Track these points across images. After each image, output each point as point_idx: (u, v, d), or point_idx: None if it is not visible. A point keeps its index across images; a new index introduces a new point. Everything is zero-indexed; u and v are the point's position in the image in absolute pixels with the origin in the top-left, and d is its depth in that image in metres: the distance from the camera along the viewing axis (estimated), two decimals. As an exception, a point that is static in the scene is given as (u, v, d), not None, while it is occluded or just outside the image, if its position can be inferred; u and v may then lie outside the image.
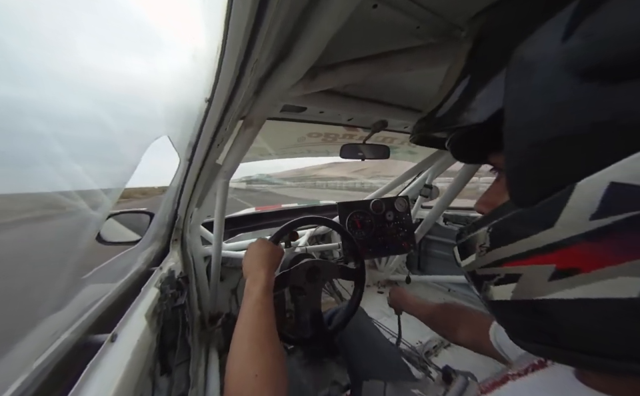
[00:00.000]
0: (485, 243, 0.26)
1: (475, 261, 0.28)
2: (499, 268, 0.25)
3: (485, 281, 0.28)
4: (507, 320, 0.28)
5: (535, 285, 0.22)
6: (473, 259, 0.28)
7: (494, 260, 0.25)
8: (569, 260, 0.19)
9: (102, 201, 0.62)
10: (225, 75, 0.44)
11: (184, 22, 0.45)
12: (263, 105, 0.68)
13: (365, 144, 1.20)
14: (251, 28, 0.36)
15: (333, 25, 0.44)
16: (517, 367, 0.35)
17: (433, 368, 1.27)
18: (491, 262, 0.26)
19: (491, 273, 0.26)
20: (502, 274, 0.25)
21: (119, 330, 0.50)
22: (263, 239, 0.77)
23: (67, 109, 0.55)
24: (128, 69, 0.70)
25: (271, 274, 0.66)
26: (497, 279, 0.26)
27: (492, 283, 0.26)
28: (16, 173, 0.46)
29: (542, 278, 0.21)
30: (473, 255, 0.28)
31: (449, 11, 0.55)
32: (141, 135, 0.68)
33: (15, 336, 0.39)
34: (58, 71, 0.56)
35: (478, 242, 0.27)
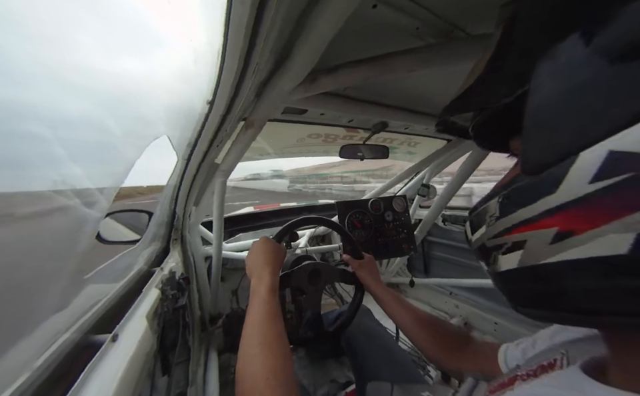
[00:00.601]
0: (494, 212, 0.28)
1: (485, 232, 0.30)
2: (506, 236, 0.26)
3: (493, 253, 0.29)
4: (512, 290, 0.29)
5: (538, 250, 0.23)
6: (483, 231, 0.30)
7: (502, 228, 0.27)
8: (567, 223, 0.21)
9: (98, 199, 0.62)
10: (226, 78, 0.44)
11: (184, 25, 0.45)
12: (264, 107, 0.69)
13: (365, 144, 1.20)
14: (250, 31, 0.36)
15: (332, 26, 0.44)
16: (526, 368, 0.35)
17: (432, 367, 1.28)
18: (500, 231, 0.27)
19: (499, 242, 0.28)
20: (509, 242, 0.26)
21: (120, 330, 0.50)
22: (266, 237, 0.77)
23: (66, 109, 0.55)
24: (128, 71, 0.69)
25: (276, 273, 0.66)
26: (504, 247, 0.27)
27: (500, 252, 0.28)
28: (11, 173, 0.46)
29: (544, 242, 0.23)
30: (483, 226, 0.30)
31: (448, 12, 0.55)
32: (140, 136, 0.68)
33: (17, 335, 0.39)
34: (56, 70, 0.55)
35: (488, 212, 0.29)
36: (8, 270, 0.45)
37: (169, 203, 1.03)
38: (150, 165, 5.49)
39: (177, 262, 0.98)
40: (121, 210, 1.05)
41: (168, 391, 0.70)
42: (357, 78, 0.65)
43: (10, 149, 0.45)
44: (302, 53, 0.51)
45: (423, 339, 0.67)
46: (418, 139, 1.47)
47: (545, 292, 0.25)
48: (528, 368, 0.35)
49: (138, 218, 1.06)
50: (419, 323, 0.70)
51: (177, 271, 0.88)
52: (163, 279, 0.76)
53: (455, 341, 0.63)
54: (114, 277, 0.68)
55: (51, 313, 0.45)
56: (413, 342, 0.69)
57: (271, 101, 0.65)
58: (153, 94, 0.70)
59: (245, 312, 0.56)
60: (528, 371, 0.34)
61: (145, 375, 0.54)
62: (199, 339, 1.21)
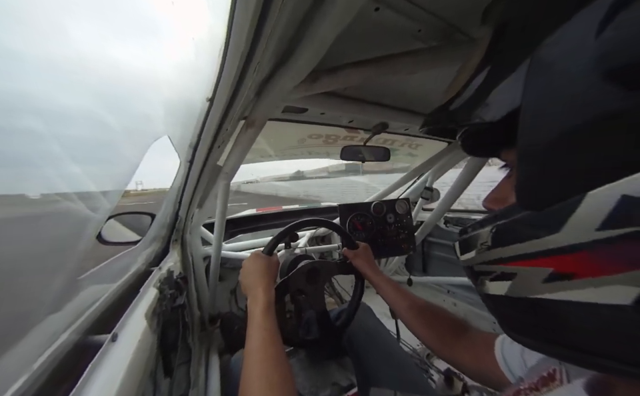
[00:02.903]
0: (486, 241, 0.26)
1: (474, 258, 0.29)
2: (496, 266, 0.26)
3: (481, 276, 0.29)
4: (499, 312, 0.29)
5: (529, 285, 0.23)
6: (472, 255, 0.29)
7: (492, 258, 0.26)
8: (567, 265, 0.20)
9: (101, 202, 0.62)
10: (227, 76, 0.44)
11: (186, 21, 0.45)
12: (265, 106, 0.69)
13: (366, 146, 1.20)
14: (253, 30, 0.36)
15: (335, 28, 0.44)
16: (528, 380, 0.35)
17: (434, 370, 1.27)
18: (489, 260, 0.26)
19: (487, 269, 0.27)
20: (498, 271, 0.26)
21: (119, 330, 0.50)
22: (256, 253, 0.76)
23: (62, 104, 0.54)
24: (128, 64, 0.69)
25: (269, 289, 0.65)
26: (493, 275, 0.26)
27: (488, 278, 0.27)
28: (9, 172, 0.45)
29: (536, 279, 0.22)
30: (472, 251, 0.29)
31: (450, 14, 0.55)
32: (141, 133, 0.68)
33: (16, 336, 0.39)
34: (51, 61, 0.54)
35: (480, 240, 0.28)
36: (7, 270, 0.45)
37: (172, 205, 1.04)
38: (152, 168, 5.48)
39: (176, 261, 0.98)
40: (124, 212, 1.06)
41: (170, 392, 0.69)
42: (358, 78, 0.65)
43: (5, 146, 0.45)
44: (304, 53, 0.51)
45: (420, 326, 0.67)
46: (419, 140, 1.47)
47: (531, 322, 0.24)
48: (530, 380, 0.35)
49: (141, 220, 1.06)
50: (415, 310, 0.69)
51: (174, 271, 0.88)
52: (161, 278, 0.76)
53: (451, 329, 0.62)
54: (111, 278, 0.68)
55: (49, 313, 0.44)
56: (409, 328, 0.69)
57: (271, 100, 0.66)
58: (152, 89, 0.70)
59: (241, 312, 0.56)
60: (530, 385, 0.34)
61: (147, 375, 0.54)
62: (199, 339, 1.21)
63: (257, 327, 0.56)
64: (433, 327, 0.65)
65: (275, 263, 0.77)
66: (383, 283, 0.79)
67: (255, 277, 0.68)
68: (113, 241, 0.92)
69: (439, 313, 0.67)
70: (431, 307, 0.69)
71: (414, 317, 0.68)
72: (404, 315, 0.71)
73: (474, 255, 0.29)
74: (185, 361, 0.92)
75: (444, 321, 0.65)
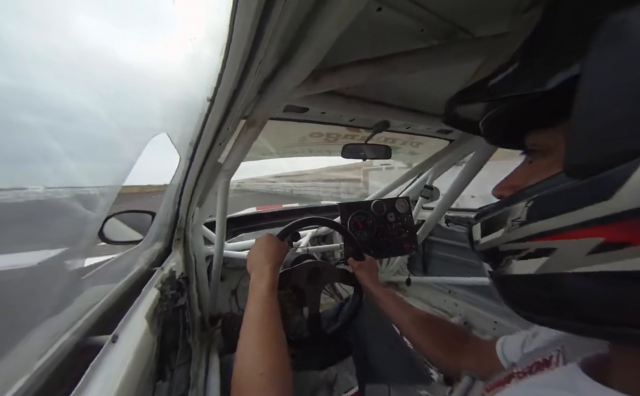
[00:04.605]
0: (519, 217, 0.25)
1: (502, 236, 0.27)
2: (530, 242, 0.24)
3: (507, 256, 0.27)
4: (516, 293, 0.27)
5: (569, 259, 0.21)
6: (498, 235, 0.27)
7: (527, 234, 0.24)
8: (621, 233, 0.18)
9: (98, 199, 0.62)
10: (228, 75, 0.43)
11: (188, 20, 0.44)
12: (266, 105, 0.68)
13: (367, 144, 1.20)
14: (255, 30, 0.35)
15: (337, 28, 0.44)
16: (522, 365, 0.35)
17: (435, 369, 1.27)
18: (523, 236, 0.25)
19: (517, 248, 0.25)
20: (532, 248, 0.24)
21: (120, 331, 0.50)
22: (270, 234, 0.77)
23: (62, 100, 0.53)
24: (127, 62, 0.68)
25: (276, 270, 0.66)
26: (524, 253, 0.25)
27: (516, 257, 0.26)
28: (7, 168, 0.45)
29: (580, 252, 0.20)
30: (499, 230, 0.27)
31: (453, 14, 0.55)
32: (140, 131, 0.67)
33: (17, 337, 0.39)
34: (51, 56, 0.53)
35: (511, 216, 0.26)
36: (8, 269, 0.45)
37: (172, 203, 1.03)
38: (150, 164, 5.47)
39: (178, 262, 0.98)
40: (125, 211, 1.06)
41: (169, 394, 0.69)
42: (359, 78, 0.65)
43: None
44: (306, 52, 0.51)
45: (421, 339, 0.66)
46: (420, 139, 1.46)
47: (558, 300, 0.24)
48: (524, 365, 0.35)
49: (141, 218, 1.06)
50: (416, 323, 0.68)
51: (177, 271, 0.88)
52: (163, 278, 0.76)
53: (453, 339, 0.62)
54: (114, 278, 0.68)
55: (49, 314, 0.44)
56: (411, 342, 0.69)
57: (272, 99, 0.65)
58: (153, 86, 0.69)
59: (241, 312, 0.57)
60: (524, 369, 0.34)
61: (147, 376, 0.54)
62: (199, 339, 1.21)
63: (260, 299, 0.56)
64: (436, 337, 0.64)
65: (285, 247, 0.78)
66: (384, 296, 0.79)
67: (266, 255, 0.68)
68: (114, 240, 0.93)
69: (441, 323, 0.68)
70: (432, 319, 0.70)
71: (417, 330, 0.67)
72: (406, 328, 0.70)
73: (500, 234, 0.27)
74: (184, 362, 0.92)
75: (447, 330, 0.66)
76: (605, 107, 0.19)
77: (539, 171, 0.27)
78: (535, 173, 0.28)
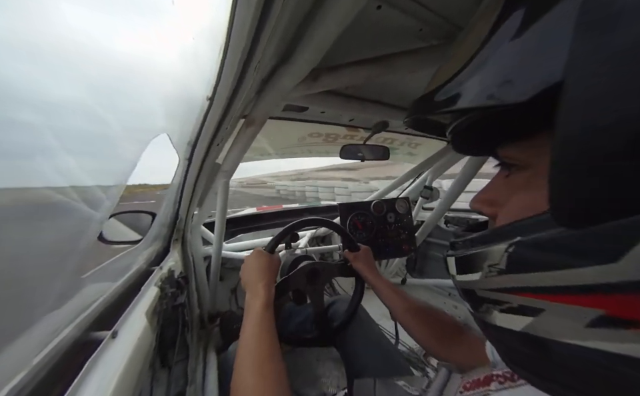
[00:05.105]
0: (498, 263, 0.20)
1: (478, 281, 0.23)
2: (512, 296, 0.20)
3: (486, 304, 0.23)
4: (504, 346, 0.24)
5: (561, 327, 0.18)
6: (474, 278, 0.23)
7: (508, 286, 0.20)
8: (629, 309, 0.14)
9: (102, 199, 0.62)
10: (227, 75, 0.44)
11: (187, 18, 0.45)
12: (265, 104, 0.69)
13: (365, 145, 1.20)
14: (254, 29, 0.36)
15: (336, 27, 0.44)
16: (502, 368, 0.33)
17: (431, 368, 1.27)
18: (503, 287, 0.21)
19: (499, 298, 0.21)
20: (515, 303, 0.20)
21: (120, 327, 0.50)
22: (259, 250, 0.77)
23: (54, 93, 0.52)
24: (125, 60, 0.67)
25: (270, 286, 0.65)
26: (506, 306, 0.21)
27: (497, 308, 0.22)
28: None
29: (575, 321, 0.17)
30: (476, 272, 0.23)
31: (452, 13, 0.55)
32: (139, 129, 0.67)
33: (15, 332, 0.39)
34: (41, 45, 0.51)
35: (487, 259, 0.21)
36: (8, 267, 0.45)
37: (172, 203, 1.04)
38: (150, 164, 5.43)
39: (176, 261, 0.98)
40: (125, 211, 1.06)
41: (167, 389, 0.70)
42: (359, 77, 0.66)
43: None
44: (305, 51, 0.51)
45: (415, 328, 0.67)
46: (419, 140, 1.47)
47: (545, 364, 0.20)
48: (504, 368, 0.32)
49: (141, 219, 1.06)
50: (412, 311, 0.69)
51: (175, 270, 0.88)
52: (162, 277, 0.76)
53: (447, 331, 0.63)
54: (114, 276, 0.68)
55: (49, 310, 0.45)
56: (406, 330, 0.69)
57: (271, 98, 0.66)
58: (151, 85, 0.69)
59: (240, 311, 0.57)
60: (504, 373, 0.31)
61: (145, 372, 0.54)
62: (197, 337, 1.21)
63: (254, 321, 0.56)
64: (429, 326, 0.65)
65: (276, 260, 0.77)
66: (381, 286, 0.79)
67: (257, 273, 0.68)
68: (114, 240, 0.92)
69: (435, 314, 0.68)
70: (427, 309, 0.70)
71: (411, 317, 0.68)
72: (401, 317, 0.71)
73: (477, 278, 0.23)
74: (182, 358, 0.92)
75: (440, 321, 0.66)
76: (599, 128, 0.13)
77: (518, 190, 0.24)
78: (513, 190, 0.24)
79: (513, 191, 0.24)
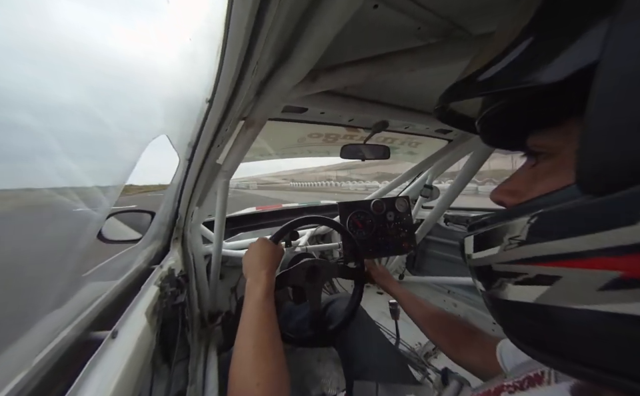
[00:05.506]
0: (519, 234, 0.21)
1: (496, 255, 0.24)
2: (530, 266, 0.21)
3: (501, 278, 0.24)
4: (513, 322, 0.25)
5: (576, 292, 0.18)
6: (493, 252, 0.24)
7: (527, 256, 0.21)
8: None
9: (101, 198, 0.62)
10: (226, 77, 0.44)
11: (183, 21, 0.45)
12: (264, 106, 0.69)
13: (366, 144, 1.20)
14: (251, 30, 0.36)
15: (334, 26, 0.44)
16: (512, 378, 0.34)
17: (432, 370, 1.27)
18: (521, 258, 0.21)
19: (515, 270, 0.22)
20: (532, 273, 0.21)
21: (120, 327, 0.50)
22: (264, 238, 0.78)
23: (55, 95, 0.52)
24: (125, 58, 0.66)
25: (272, 274, 0.66)
26: (522, 277, 0.22)
27: (512, 281, 0.22)
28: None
29: (590, 285, 0.17)
30: (494, 247, 0.24)
31: (450, 12, 0.55)
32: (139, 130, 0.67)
33: (16, 332, 0.39)
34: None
35: (508, 233, 0.22)
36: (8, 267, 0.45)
37: (172, 202, 1.04)
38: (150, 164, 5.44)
39: (177, 260, 0.98)
40: (124, 210, 1.06)
41: (167, 389, 0.70)
42: (357, 77, 0.65)
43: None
44: (303, 52, 0.51)
45: (435, 336, 0.72)
46: (419, 139, 1.47)
47: (558, 337, 0.20)
48: (515, 378, 0.33)
49: (141, 218, 1.07)
50: (430, 320, 0.74)
51: (176, 269, 0.88)
52: (162, 276, 0.76)
53: (461, 335, 0.66)
54: (113, 275, 0.68)
55: (49, 310, 0.45)
56: (425, 335, 0.74)
57: (270, 100, 0.66)
58: (151, 88, 0.69)
59: None
60: (514, 382, 0.32)
61: (145, 372, 0.54)
62: (198, 336, 1.22)
63: (256, 304, 0.56)
64: (444, 331, 0.70)
65: (280, 250, 0.78)
66: (404, 297, 0.85)
67: (261, 260, 0.68)
68: (113, 239, 0.93)
69: (450, 320, 0.72)
70: (444, 316, 0.74)
71: (430, 326, 0.74)
72: (422, 325, 0.76)
73: (496, 252, 0.23)
74: (183, 358, 0.93)
75: (454, 326, 0.70)
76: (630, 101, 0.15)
77: (544, 177, 0.24)
78: (539, 178, 0.25)
79: (539, 178, 0.25)
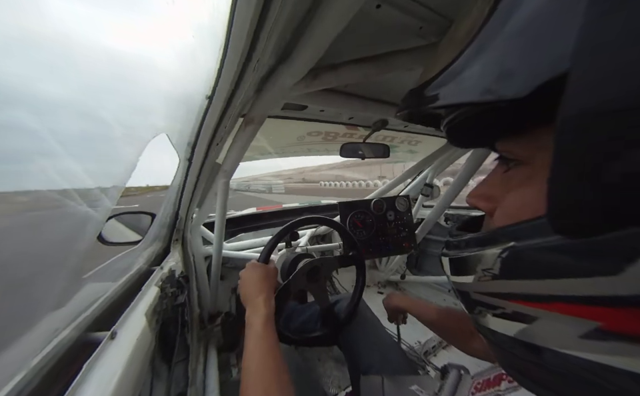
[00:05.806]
0: (491, 267, 0.20)
1: (472, 284, 0.22)
2: (506, 302, 0.20)
3: (479, 307, 0.23)
4: (498, 348, 0.23)
5: (555, 336, 0.17)
6: (468, 280, 0.23)
7: (502, 291, 0.20)
8: (627, 323, 0.14)
9: (102, 200, 0.62)
10: (227, 73, 0.43)
11: (186, 18, 0.44)
12: (264, 103, 0.68)
13: (365, 143, 1.20)
14: (254, 28, 0.36)
15: (336, 25, 0.44)
16: None
17: (432, 367, 1.27)
18: (497, 292, 0.20)
19: (492, 303, 0.21)
20: (508, 309, 0.20)
21: (119, 328, 0.50)
22: (253, 262, 0.76)
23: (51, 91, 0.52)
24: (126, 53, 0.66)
25: (270, 298, 0.65)
26: (499, 311, 0.20)
27: (490, 312, 0.22)
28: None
29: (570, 331, 0.16)
30: (469, 275, 0.22)
31: (452, 11, 0.55)
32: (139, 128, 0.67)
33: (15, 333, 0.39)
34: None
35: (481, 263, 0.21)
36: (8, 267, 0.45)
37: (172, 204, 1.04)
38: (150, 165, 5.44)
39: (177, 261, 0.98)
40: (125, 212, 1.06)
41: (168, 390, 0.70)
42: (358, 75, 0.65)
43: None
44: (304, 50, 0.51)
45: (444, 332, 0.76)
46: (419, 137, 1.46)
47: (540, 370, 0.20)
48: None
49: (141, 220, 1.06)
50: (438, 319, 0.77)
51: (176, 270, 0.88)
52: (163, 277, 0.76)
53: (467, 328, 0.67)
54: (113, 277, 0.68)
55: (49, 311, 0.44)
56: (439, 335, 0.79)
57: (271, 97, 0.65)
58: (151, 85, 0.69)
59: (242, 311, 0.56)
60: None
61: (144, 372, 0.54)
62: (197, 337, 1.21)
63: (257, 338, 0.55)
64: (455, 327, 0.72)
65: (272, 270, 0.77)
66: (422, 311, 0.85)
67: (255, 288, 0.67)
68: (113, 241, 0.92)
69: (456, 315, 0.74)
70: (450, 312, 0.77)
71: (439, 324, 0.77)
72: (433, 326, 0.79)
73: (470, 280, 0.22)
74: (183, 358, 0.92)
75: (462, 320, 0.71)
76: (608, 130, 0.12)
77: (518, 186, 0.22)
78: (512, 186, 0.23)
79: (510, 187, 0.23)
